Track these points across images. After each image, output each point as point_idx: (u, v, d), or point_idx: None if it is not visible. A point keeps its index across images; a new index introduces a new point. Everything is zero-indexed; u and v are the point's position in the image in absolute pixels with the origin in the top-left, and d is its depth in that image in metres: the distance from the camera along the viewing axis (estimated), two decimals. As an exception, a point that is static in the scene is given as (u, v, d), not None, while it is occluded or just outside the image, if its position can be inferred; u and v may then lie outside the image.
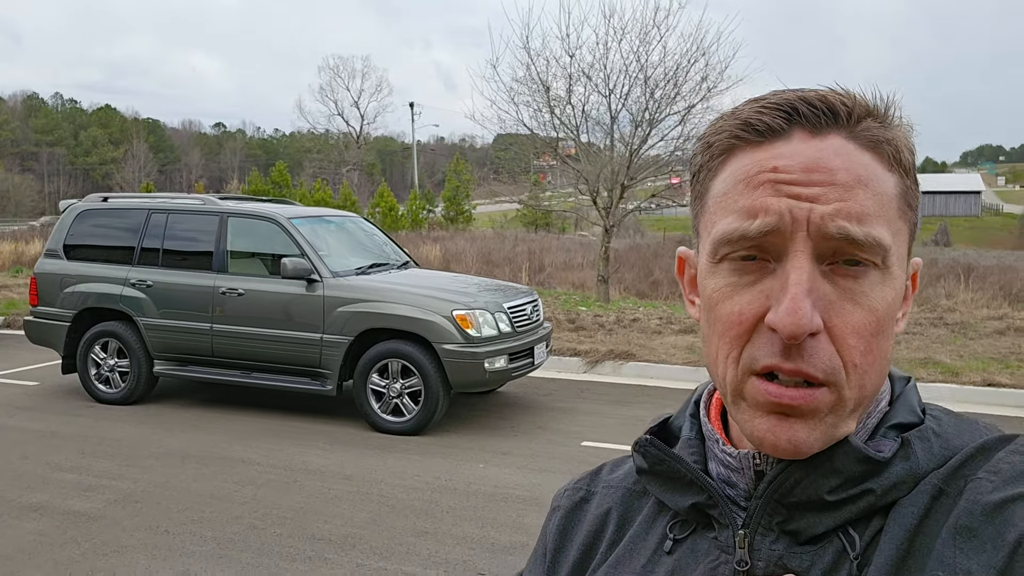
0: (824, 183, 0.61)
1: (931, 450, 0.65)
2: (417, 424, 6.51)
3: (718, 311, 0.65)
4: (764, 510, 0.67)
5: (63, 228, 7.81)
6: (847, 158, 0.63)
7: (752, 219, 0.63)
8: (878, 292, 0.63)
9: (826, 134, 0.63)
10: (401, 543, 4.50)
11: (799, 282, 0.60)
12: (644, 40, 13.37)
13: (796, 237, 0.61)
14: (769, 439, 0.63)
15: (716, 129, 0.68)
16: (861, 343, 0.62)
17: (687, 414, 0.78)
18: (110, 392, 7.49)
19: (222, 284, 7.07)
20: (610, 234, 14.16)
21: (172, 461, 5.88)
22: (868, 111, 0.65)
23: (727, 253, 0.64)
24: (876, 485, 0.64)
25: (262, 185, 41.37)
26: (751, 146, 0.65)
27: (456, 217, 45.03)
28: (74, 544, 4.44)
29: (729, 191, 0.65)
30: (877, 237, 0.61)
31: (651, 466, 0.75)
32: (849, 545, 0.63)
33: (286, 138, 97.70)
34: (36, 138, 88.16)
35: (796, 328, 0.59)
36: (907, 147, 0.66)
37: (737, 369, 0.64)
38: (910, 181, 0.66)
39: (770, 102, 0.65)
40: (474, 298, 6.76)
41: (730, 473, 0.71)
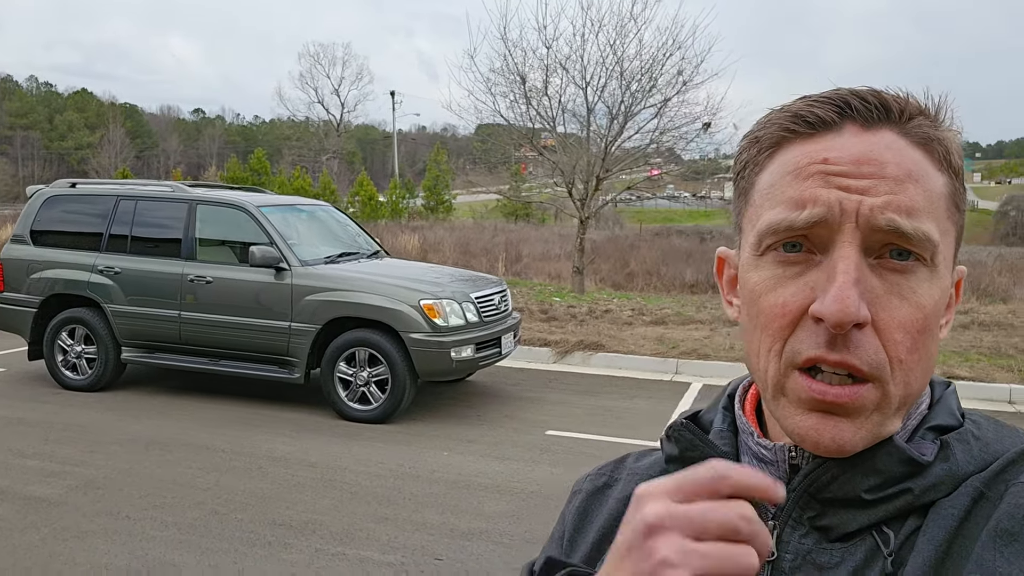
0: (874, 176, 0.61)
1: (970, 453, 0.64)
2: (384, 412, 6.55)
3: (761, 304, 0.65)
4: (797, 503, 0.66)
5: (30, 214, 7.77)
6: (898, 153, 0.62)
7: (800, 209, 0.62)
8: (925, 289, 0.62)
9: (878, 129, 0.63)
10: (361, 529, 4.55)
11: (847, 271, 0.60)
12: (621, 33, 13.45)
13: (844, 228, 0.61)
14: (812, 437, 0.62)
15: (765, 123, 0.68)
16: (907, 339, 0.61)
17: (720, 407, 0.77)
18: (77, 379, 7.47)
19: (190, 272, 7.07)
20: (585, 225, 14.24)
21: (136, 448, 5.89)
22: (920, 110, 0.65)
23: (772, 243, 0.64)
24: (914, 485, 0.63)
25: (240, 172, 41.06)
26: (801, 139, 0.65)
27: (436, 207, 44.99)
28: (34, 529, 4.45)
29: (777, 183, 0.65)
30: (926, 232, 0.61)
31: (682, 452, 0.74)
32: (883, 543, 0.63)
33: (266, 125, 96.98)
34: (10, 121, 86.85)
35: (843, 316, 0.58)
36: (957, 150, 0.66)
37: (780, 363, 0.63)
38: (959, 183, 0.66)
39: (822, 96, 0.65)
40: (442, 288, 6.81)
41: (763, 467, 0.70)
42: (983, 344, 9.50)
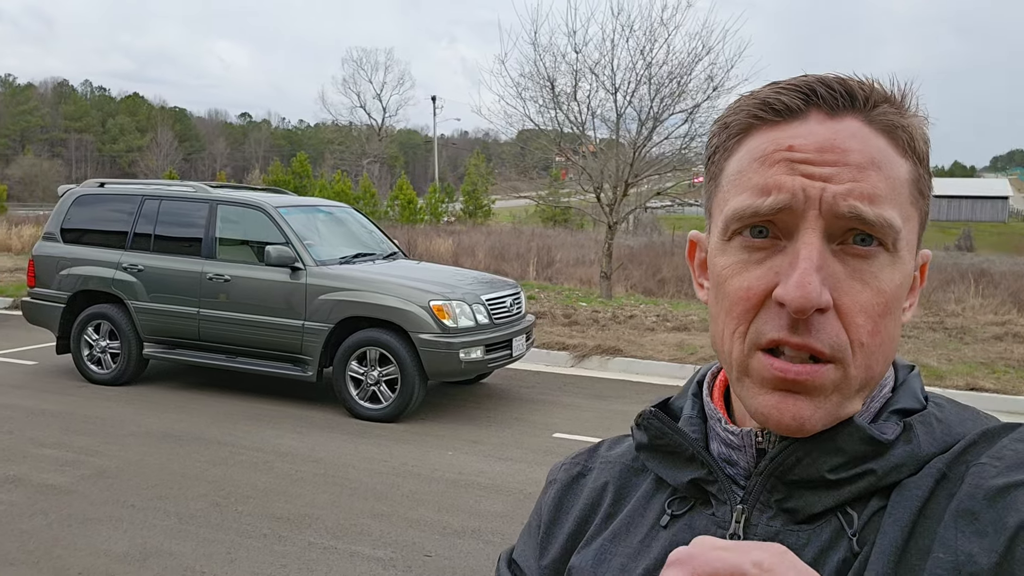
0: (838, 163, 0.62)
1: (933, 435, 0.66)
2: (393, 411, 6.63)
3: (727, 287, 0.66)
4: (764, 486, 0.68)
5: (61, 212, 8.03)
6: (862, 140, 0.63)
7: (765, 196, 0.63)
8: (887, 274, 0.63)
9: (843, 116, 0.64)
10: (355, 524, 4.63)
11: (809, 257, 0.61)
12: (650, 38, 13.42)
13: (808, 215, 0.62)
14: (774, 415, 0.63)
15: (734, 109, 0.69)
16: (869, 323, 0.62)
17: (689, 394, 0.79)
18: (101, 373, 7.69)
19: (209, 270, 7.24)
20: (613, 231, 14.21)
21: (150, 440, 6.05)
22: (885, 97, 0.66)
23: (738, 228, 0.65)
24: (877, 466, 0.64)
25: (283, 175, 41.69)
26: (768, 126, 0.66)
27: (475, 211, 45.19)
28: (41, 515, 4.61)
29: (744, 169, 0.66)
30: (888, 218, 0.62)
31: (651, 440, 0.76)
32: (847, 523, 0.64)
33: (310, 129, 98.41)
34: (65, 124, 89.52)
35: (804, 301, 0.60)
36: (922, 136, 0.67)
37: (744, 344, 0.65)
38: (923, 170, 0.67)
39: (789, 83, 0.66)
40: (452, 289, 6.88)
41: (731, 452, 0.71)
42: (1013, 356, 9.29)
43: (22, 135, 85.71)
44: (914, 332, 11.17)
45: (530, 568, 0.81)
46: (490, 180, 42.48)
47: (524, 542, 0.84)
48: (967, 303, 14.82)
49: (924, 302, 14.70)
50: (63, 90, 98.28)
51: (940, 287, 16.45)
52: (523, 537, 0.84)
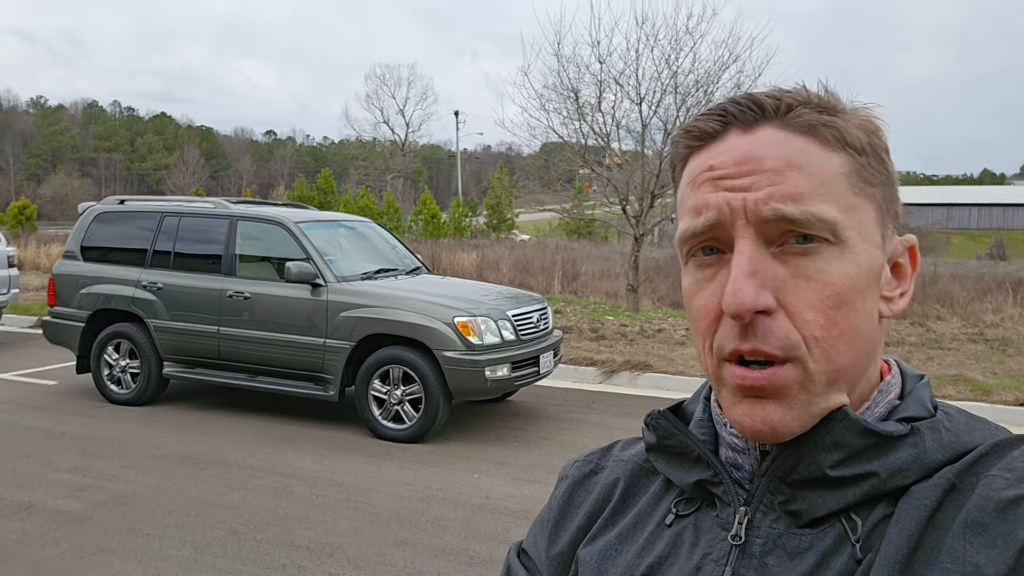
0: (755, 171, 0.65)
1: (940, 441, 0.65)
2: (417, 431, 6.43)
3: (692, 307, 0.69)
4: (767, 488, 0.68)
5: (81, 230, 7.93)
6: (777, 145, 0.65)
7: (698, 216, 0.67)
8: (835, 266, 0.64)
9: (756, 128, 0.67)
10: (378, 553, 4.41)
11: (739, 264, 0.63)
12: (675, 47, 13.19)
13: (737, 225, 0.65)
14: (747, 423, 0.65)
15: (673, 142, 0.73)
16: (820, 317, 0.63)
17: (701, 397, 0.80)
18: (121, 393, 7.57)
19: (229, 287, 7.10)
20: (640, 243, 13.96)
21: (168, 463, 5.88)
22: (801, 101, 0.67)
23: (689, 251, 0.69)
24: (880, 468, 0.64)
25: (307, 192, 41.88)
26: (697, 151, 0.70)
27: (499, 225, 45.08)
28: (54, 545, 4.44)
29: (684, 195, 0.70)
30: (816, 213, 0.63)
31: (659, 440, 0.77)
32: (851, 529, 0.64)
33: (335, 145, 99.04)
34: (95, 144, 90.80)
35: (739, 306, 0.62)
36: (857, 126, 0.67)
37: (712, 357, 0.67)
38: (866, 158, 0.67)
39: (708, 110, 0.70)
40: (477, 305, 6.67)
41: (737, 456, 0.72)
42: (1060, 369, 8.90)
43: (53, 155, 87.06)
44: (953, 344, 10.80)
45: (540, 558, 0.82)
46: (513, 193, 42.36)
47: (535, 534, 0.85)
48: (1006, 313, 14.40)
49: (962, 313, 14.31)
50: (93, 111, 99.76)
51: (976, 297, 16.03)
52: (534, 529, 0.86)
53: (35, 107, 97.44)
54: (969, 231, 59.97)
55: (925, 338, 11.36)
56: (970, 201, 65.64)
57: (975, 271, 23.01)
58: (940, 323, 13.21)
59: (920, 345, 10.69)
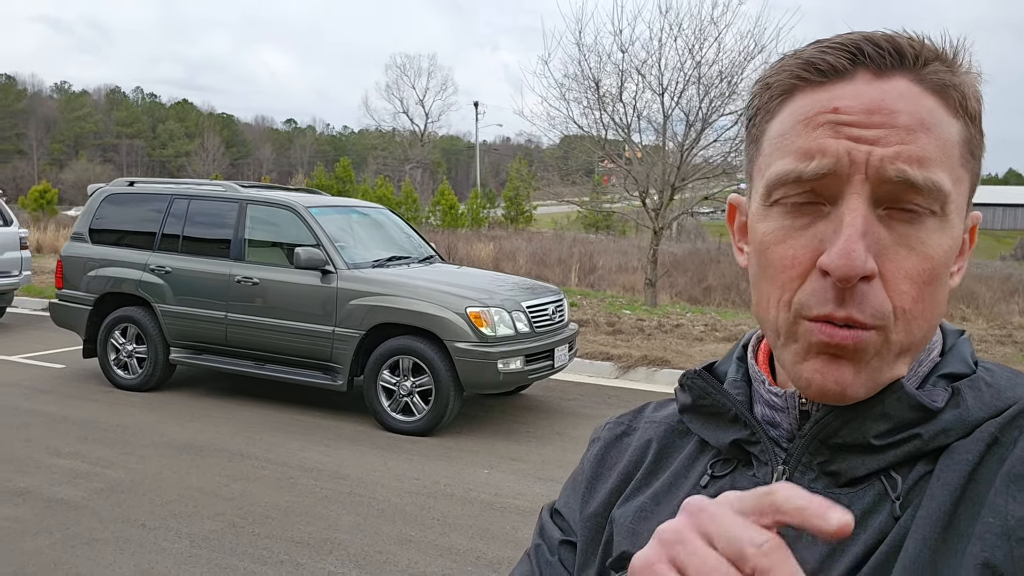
0: (886, 125, 0.60)
1: (982, 399, 0.64)
2: (427, 424, 6.24)
3: (770, 255, 0.64)
4: (807, 448, 0.66)
5: (90, 212, 7.80)
6: (911, 101, 0.61)
7: (809, 160, 0.61)
8: (935, 239, 0.61)
9: (891, 76, 0.62)
10: (381, 551, 4.23)
11: (853, 224, 0.59)
12: (699, 37, 12.90)
13: (853, 180, 0.60)
14: (818, 380, 0.62)
15: (777, 69, 0.66)
16: (913, 289, 0.61)
17: (734, 357, 0.78)
18: (128, 378, 7.43)
19: (238, 272, 6.93)
20: (659, 236, 13.70)
21: (170, 451, 5.73)
22: (936, 55, 0.63)
23: (780, 197, 0.63)
24: (924, 431, 0.63)
25: (326, 180, 41.86)
26: (812, 87, 0.63)
27: (517, 217, 44.84)
28: (46, 534, 4.29)
29: (787, 132, 0.64)
30: (937, 182, 0.60)
31: (695, 400, 0.75)
32: (891, 487, 0.63)
33: (354, 135, 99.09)
34: (117, 130, 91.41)
35: (849, 270, 0.58)
36: (974, 94, 0.64)
37: (789, 313, 0.63)
38: (975, 130, 0.64)
39: (835, 42, 0.63)
40: (491, 295, 6.46)
41: (775, 414, 0.70)
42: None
43: (76, 141, 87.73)
44: (982, 346, 10.49)
45: (574, 519, 0.81)
46: (532, 185, 42.13)
47: (568, 495, 0.84)
48: (1033, 315, 14.04)
49: (988, 314, 13.98)
50: (115, 97, 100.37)
51: (1003, 298, 15.68)
52: (566, 490, 0.85)
53: (59, 92, 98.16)
54: (993, 232, 59.14)
55: (952, 339, 11.06)
56: (995, 201, 64.70)
57: (1000, 271, 22.58)
58: (966, 324, 12.88)
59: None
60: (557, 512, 0.84)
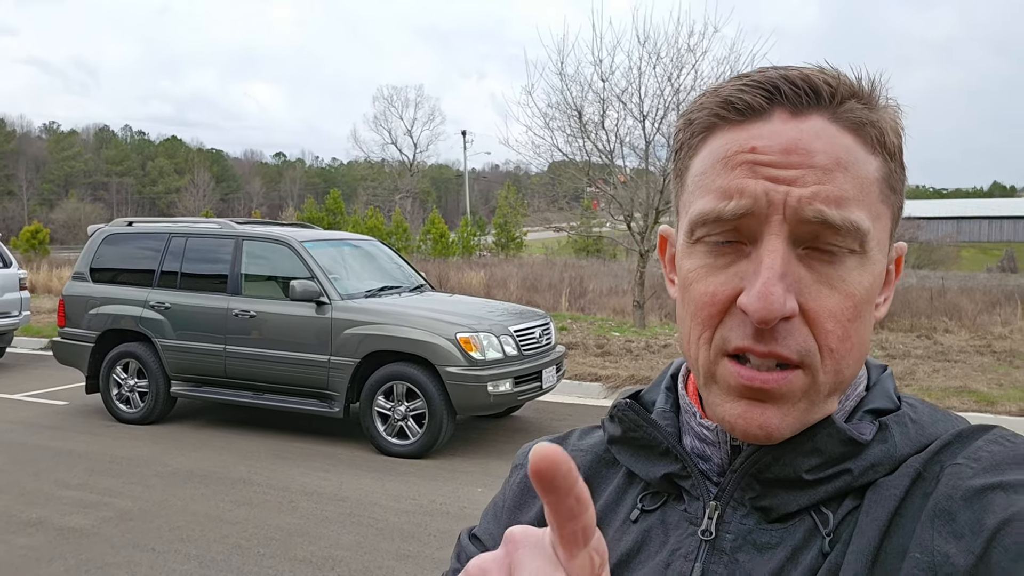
0: (803, 165, 0.60)
1: (908, 435, 0.65)
2: (421, 447, 6.47)
3: (692, 291, 0.64)
4: (738, 484, 0.66)
5: (90, 251, 8.05)
6: (828, 140, 0.61)
7: (728, 200, 0.61)
8: (855, 277, 0.61)
9: (807, 115, 0.62)
10: (381, 566, 4.45)
11: (772, 266, 0.59)
12: (677, 64, 13.31)
13: (772, 220, 0.60)
14: (740, 424, 0.62)
15: (698, 106, 0.66)
16: (838, 328, 0.61)
17: (662, 387, 0.77)
18: (130, 412, 7.64)
19: (235, 306, 7.18)
20: (645, 259, 14.01)
21: (175, 480, 5.95)
22: (852, 92, 0.63)
23: (703, 235, 0.63)
24: (854, 466, 0.63)
25: (316, 212, 42.17)
26: (731, 125, 0.63)
27: (507, 244, 45.21)
28: (61, 560, 4.50)
29: (707, 171, 0.64)
30: (855, 221, 0.60)
31: (625, 432, 0.74)
32: (822, 523, 0.63)
33: (343, 167, 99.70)
34: (107, 168, 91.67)
35: (767, 313, 0.58)
36: (893, 129, 0.64)
37: (710, 351, 0.63)
38: (895, 165, 0.65)
39: (752, 80, 0.63)
40: (479, 321, 6.73)
41: (705, 447, 0.70)
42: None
43: (66, 180, 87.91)
44: (960, 356, 10.78)
45: (492, 545, 0.78)
46: (521, 212, 42.52)
47: (488, 521, 0.83)
48: (1015, 325, 14.37)
49: (970, 325, 14.28)
50: (104, 135, 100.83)
51: (985, 309, 15.98)
52: (487, 516, 0.83)
53: (48, 132, 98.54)
54: (980, 244, 59.73)
55: (932, 351, 11.35)
56: (980, 214, 65.43)
57: (984, 284, 22.92)
58: (948, 336, 13.19)
59: (926, 358, 10.68)
60: (476, 538, 0.82)
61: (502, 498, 0.83)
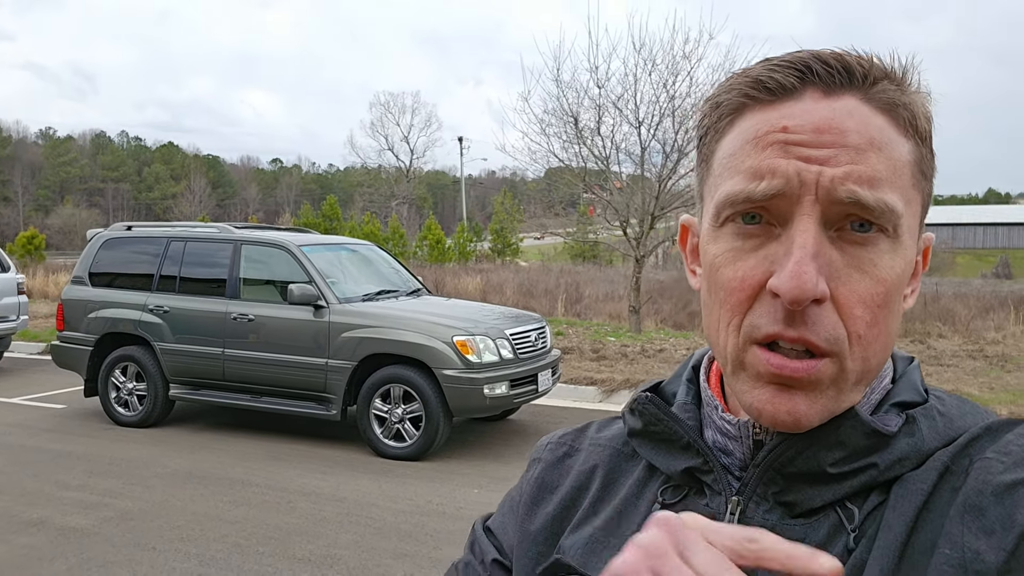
0: (835, 145, 0.59)
1: (936, 428, 0.63)
2: (418, 449, 6.54)
3: (719, 276, 0.63)
4: (761, 479, 0.65)
5: (89, 256, 8.11)
6: (861, 120, 0.60)
7: (759, 180, 0.60)
8: (887, 261, 0.60)
9: (840, 94, 0.61)
10: (378, 564, 4.52)
11: (804, 245, 0.58)
12: (672, 71, 13.41)
13: (804, 201, 0.59)
14: (768, 410, 0.61)
15: (726, 88, 0.65)
16: (867, 314, 0.60)
17: (683, 379, 0.76)
18: (129, 415, 7.70)
19: (234, 310, 7.25)
20: (641, 264, 14.10)
21: (174, 481, 6.00)
22: (885, 73, 0.62)
23: (730, 215, 0.62)
24: (880, 460, 0.62)
25: (313, 218, 42.25)
26: (761, 105, 0.62)
27: (503, 250, 45.32)
28: (62, 559, 4.56)
29: (736, 152, 0.63)
30: (889, 203, 0.59)
31: (645, 426, 0.73)
32: (847, 518, 0.62)
33: (340, 173, 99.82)
34: (103, 174, 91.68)
35: (800, 293, 0.57)
36: (924, 114, 0.63)
37: (739, 337, 0.62)
38: (926, 149, 0.64)
39: (783, 60, 0.63)
40: (476, 324, 6.80)
41: (727, 441, 0.69)
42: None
43: (62, 186, 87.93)
44: (953, 361, 10.88)
45: (508, 540, 0.79)
46: (517, 218, 42.62)
47: (503, 514, 0.82)
48: (1008, 331, 14.46)
49: (964, 331, 14.38)
50: (100, 141, 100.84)
51: (979, 315, 16.09)
52: (503, 509, 0.82)
53: (44, 138, 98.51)
54: (974, 250, 59.94)
55: (925, 355, 11.44)
56: (975, 221, 65.68)
57: (978, 290, 23.04)
58: (941, 340, 13.28)
59: (920, 362, 10.75)
60: (490, 530, 0.82)
61: (519, 492, 0.81)
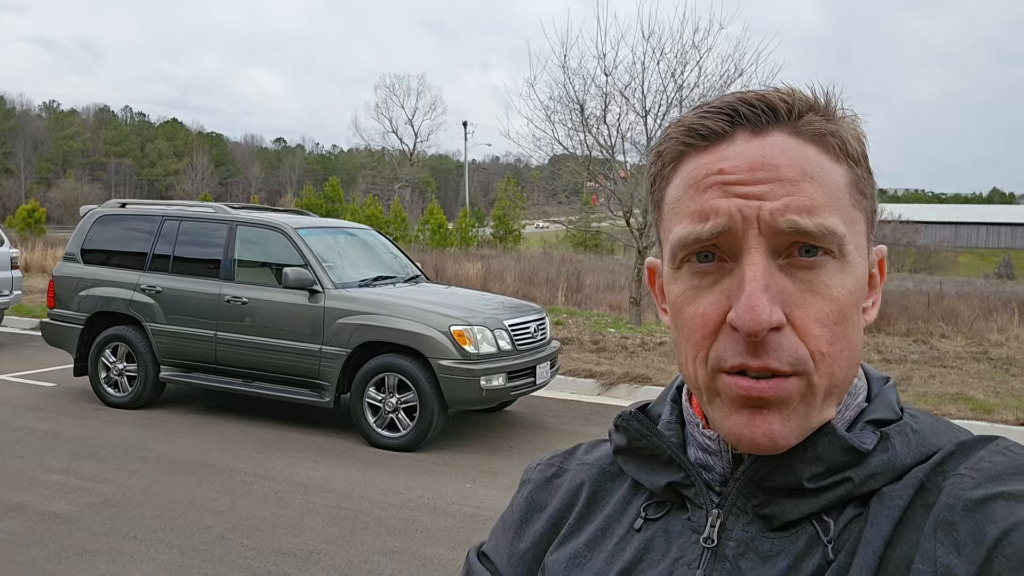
0: (770, 180, 0.63)
1: (908, 444, 0.66)
2: (411, 440, 6.39)
3: (683, 315, 0.66)
4: (741, 492, 0.68)
5: (82, 232, 7.95)
6: (791, 153, 0.64)
7: (704, 222, 0.64)
8: (837, 280, 0.63)
9: (769, 132, 0.64)
10: (366, 561, 4.38)
11: (754, 278, 0.61)
12: (681, 60, 13.20)
13: (748, 235, 0.62)
14: (747, 435, 0.63)
15: (665, 138, 0.69)
16: (826, 332, 0.62)
17: (668, 399, 0.79)
18: (118, 396, 7.55)
19: (227, 292, 7.09)
20: (643, 256, 13.92)
21: (161, 467, 5.87)
22: (809, 105, 0.66)
23: (685, 256, 0.66)
24: (855, 474, 0.64)
25: (315, 199, 42.03)
26: (698, 151, 0.66)
27: (505, 236, 45.13)
28: (40, 545, 4.42)
29: (681, 196, 0.67)
30: (829, 226, 0.62)
31: (630, 442, 0.76)
32: (822, 530, 0.64)
33: (343, 154, 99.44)
34: (106, 149, 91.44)
35: (755, 325, 0.60)
36: (854, 136, 0.66)
37: (707, 368, 0.65)
38: (861, 170, 0.67)
39: (712, 106, 0.67)
40: (474, 314, 6.64)
41: (708, 457, 0.71)
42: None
43: (64, 160, 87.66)
44: (957, 363, 10.73)
45: (501, 562, 0.81)
46: (520, 204, 42.39)
47: (496, 538, 0.85)
48: (1011, 332, 14.31)
49: (967, 332, 14.23)
50: (104, 115, 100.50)
51: (982, 316, 15.94)
52: (495, 533, 0.85)
53: (47, 111, 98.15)
54: (977, 250, 59.78)
55: (928, 356, 11.29)
56: (978, 220, 65.45)
57: (981, 290, 22.89)
58: (944, 341, 13.13)
59: (922, 363, 10.62)
60: (485, 556, 0.84)
61: (510, 513, 0.85)
